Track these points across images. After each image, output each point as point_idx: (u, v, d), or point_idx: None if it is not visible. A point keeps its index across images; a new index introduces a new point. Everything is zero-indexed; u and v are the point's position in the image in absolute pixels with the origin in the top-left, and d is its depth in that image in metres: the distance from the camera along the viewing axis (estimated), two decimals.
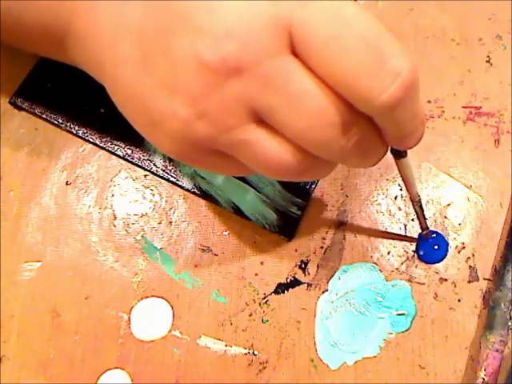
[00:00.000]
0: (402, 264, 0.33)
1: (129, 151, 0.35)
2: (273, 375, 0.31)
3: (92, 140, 0.35)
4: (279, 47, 0.21)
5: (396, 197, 0.34)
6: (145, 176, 0.35)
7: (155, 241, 0.34)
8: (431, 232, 0.33)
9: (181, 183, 0.34)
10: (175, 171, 0.35)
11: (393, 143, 0.24)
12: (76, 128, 0.35)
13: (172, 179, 0.34)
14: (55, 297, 0.32)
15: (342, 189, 0.35)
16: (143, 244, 0.33)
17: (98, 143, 0.35)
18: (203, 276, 0.33)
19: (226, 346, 0.31)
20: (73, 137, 0.36)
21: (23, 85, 0.36)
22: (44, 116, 0.36)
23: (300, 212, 0.33)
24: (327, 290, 0.32)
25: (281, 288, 0.33)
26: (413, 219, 0.33)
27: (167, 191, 0.35)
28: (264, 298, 0.32)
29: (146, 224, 0.34)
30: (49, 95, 0.36)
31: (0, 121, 0.36)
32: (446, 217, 0.34)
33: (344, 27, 0.20)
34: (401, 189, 0.34)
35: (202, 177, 0.34)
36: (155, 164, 0.35)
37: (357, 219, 0.34)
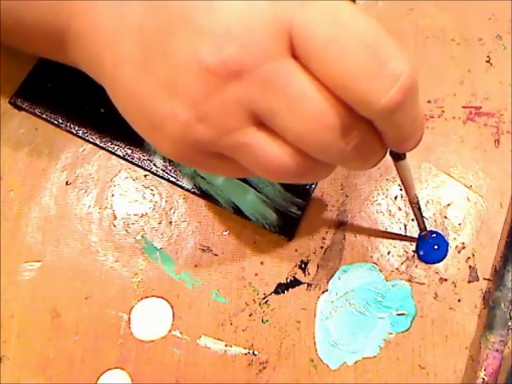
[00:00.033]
0: (402, 264, 0.33)
1: (129, 151, 0.35)
2: (273, 375, 0.31)
3: (92, 140, 0.35)
4: (279, 50, 0.20)
5: (396, 197, 0.34)
6: (145, 176, 0.35)
7: (155, 241, 0.34)
8: (431, 232, 0.33)
9: (181, 183, 0.34)
10: (175, 171, 0.35)
11: (392, 146, 0.24)
12: (76, 128, 0.35)
13: (172, 179, 0.34)
14: (55, 297, 0.32)
15: (342, 189, 0.35)
16: (143, 244, 0.33)
17: (98, 143, 0.35)
18: (203, 276, 0.33)
19: (226, 346, 0.31)
20: (73, 137, 0.36)
21: (23, 85, 0.36)
22: (44, 116, 0.36)
23: (300, 212, 0.33)
24: (327, 290, 0.32)
25: (281, 288, 0.33)
26: (413, 219, 0.33)
27: (167, 191, 0.35)
28: (264, 298, 0.32)
29: (146, 224, 0.34)
30: (49, 95, 0.36)
31: (0, 121, 0.36)
32: (446, 217, 0.34)
33: (344, 30, 0.20)
34: (401, 189, 0.34)
35: (202, 177, 0.34)
36: (155, 164, 0.35)
37: (357, 219, 0.34)
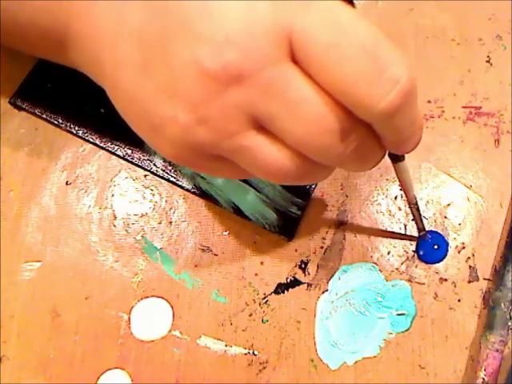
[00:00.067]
0: (402, 264, 0.33)
1: (129, 151, 0.35)
2: (273, 375, 0.31)
3: (92, 140, 0.35)
4: (279, 55, 0.21)
5: (396, 197, 0.34)
6: (145, 176, 0.35)
7: (155, 241, 0.34)
8: (431, 232, 0.33)
9: (181, 183, 0.34)
10: (175, 171, 0.35)
11: (391, 148, 0.24)
12: (76, 128, 0.35)
13: (172, 179, 0.34)
14: (55, 297, 0.32)
15: (342, 189, 0.35)
16: (143, 244, 0.33)
17: (98, 143, 0.35)
18: (203, 276, 0.33)
19: (226, 346, 0.31)
20: (73, 137, 0.36)
21: (23, 85, 0.36)
22: (44, 116, 0.36)
23: (300, 212, 0.33)
24: (327, 290, 0.32)
25: (281, 288, 0.33)
26: (413, 219, 0.33)
27: (167, 191, 0.35)
28: (264, 298, 0.32)
29: (146, 224, 0.34)
30: (49, 95, 0.36)
31: (0, 121, 0.36)
32: (446, 217, 0.34)
33: (344, 35, 0.20)
34: (401, 189, 0.34)
35: (202, 177, 0.34)
36: (155, 164, 0.35)
37: (357, 219, 0.34)
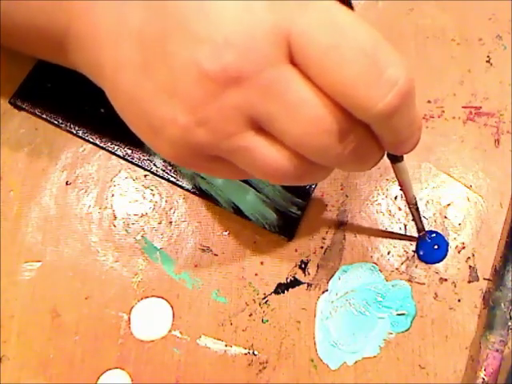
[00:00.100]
0: (402, 264, 0.33)
1: (129, 151, 0.35)
2: (273, 375, 0.31)
3: (92, 140, 0.35)
4: (278, 56, 0.21)
5: (396, 197, 0.34)
6: (145, 176, 0.35)
7: (155, 241, 0.34)
8: (431, 232, 0.33)
9: (181, 183, 0.34)
10: (175, 171, 0.35)
11: (389, 149, 0.24)
12: (76, 128, 0.35)
13: (172, 179, 0.34)
14: (55, 297, 0.32)
15: (342, 189, 0.35)
16: (143, 244, 0.33)
17: (98, 143, 0.35)
18: (203, 276, 0.33)
19: (226, 346, 0.31)
20: (73, 137, 0.36)
21: (23, 85, 0.36)
22: (44, 116, 0.36)
23: (300, 212, 0.33)
24: (327, 290, 0.32)
25: (281, 288, 0.33)
26: (413, 219, 0.33)
27: (167, 191, 0.35)
28: (264, 298, 0.32)
29: (146, 224, 0.34)
30: (49, 95, 0.36)
31: (0, 121, 0.36)
32: (446, 217, 0.34)
33: (343, 38, 0.20)
34: (401, 189, 0.34)
35: (202, 177, 0.34)
36: (155, 164, 0.35)
37: (357, 219, 0.34)
